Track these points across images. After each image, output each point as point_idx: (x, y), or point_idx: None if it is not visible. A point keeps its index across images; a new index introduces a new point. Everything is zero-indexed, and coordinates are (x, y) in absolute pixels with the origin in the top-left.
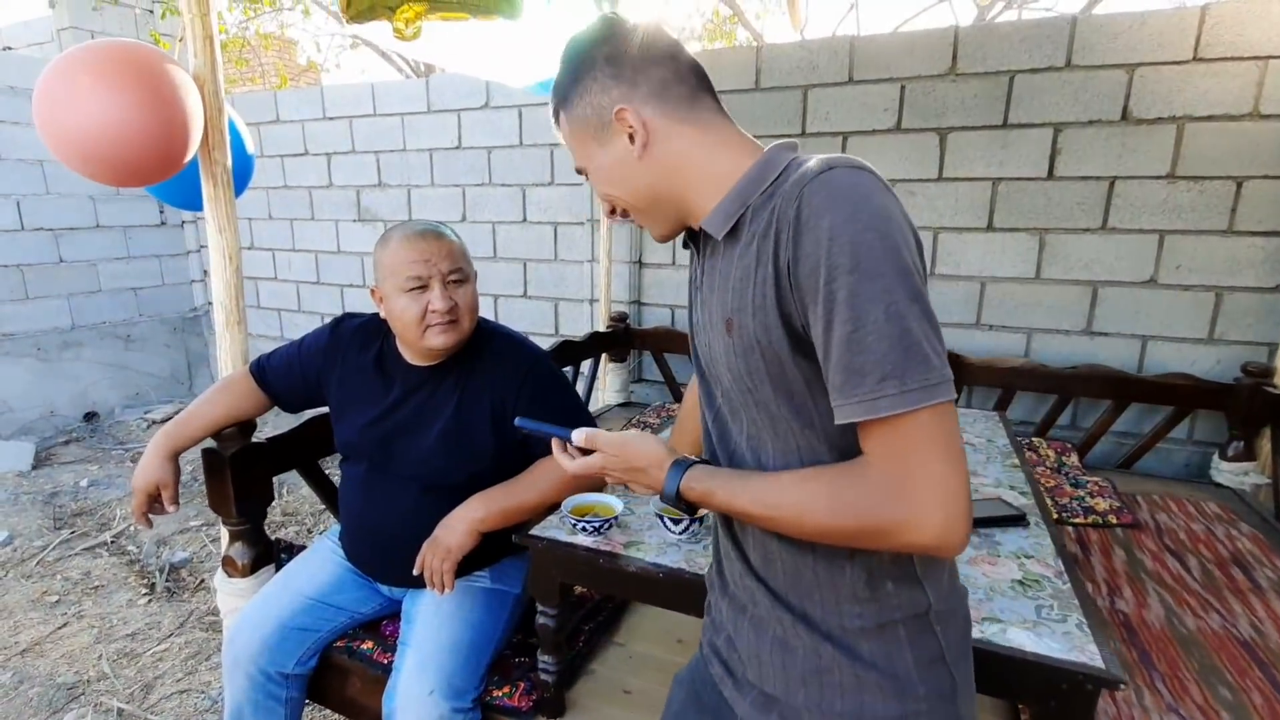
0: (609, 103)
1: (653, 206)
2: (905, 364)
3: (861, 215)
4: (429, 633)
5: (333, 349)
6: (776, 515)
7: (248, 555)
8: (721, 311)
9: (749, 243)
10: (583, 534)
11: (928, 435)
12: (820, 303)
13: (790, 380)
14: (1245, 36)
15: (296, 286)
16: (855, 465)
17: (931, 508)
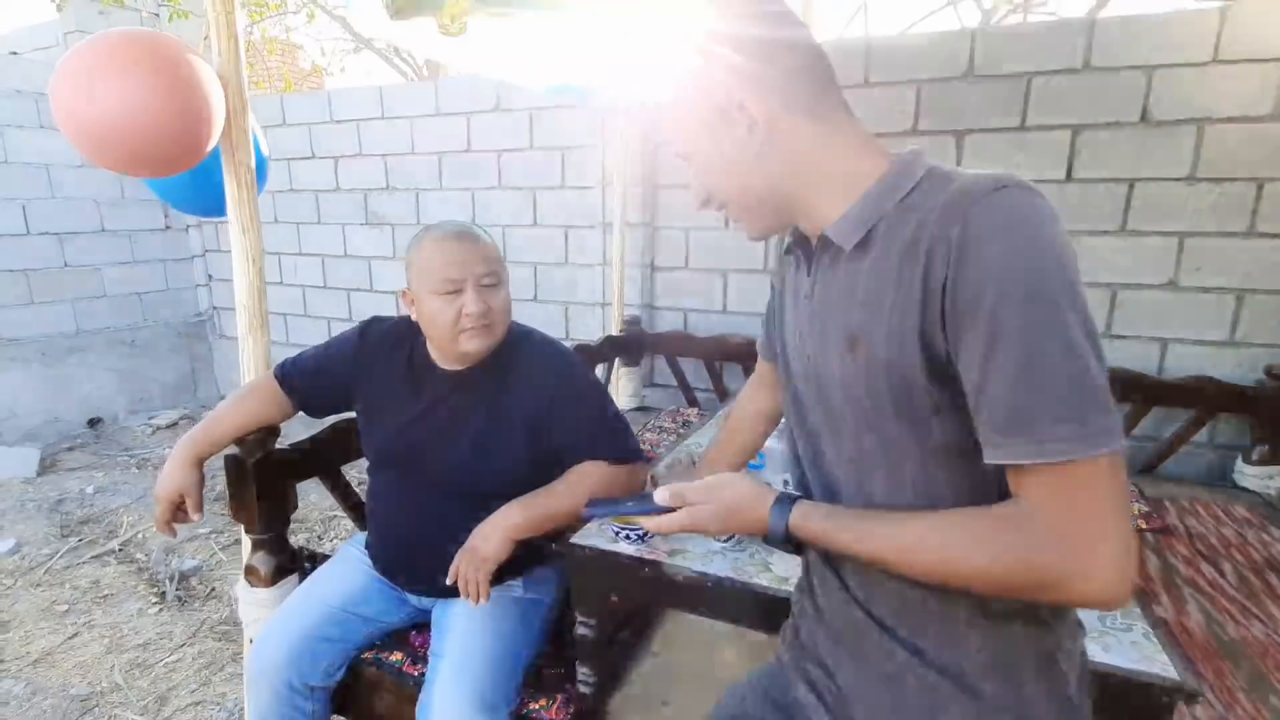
0: (730, 90)
1: (760, 204)
2: (1085, 406)
3: (1038, 242)
4: (463, 644)
5: (361, 353)
6: (917, 560)
7: (271, 564)
8: (843, 328)
9: (884, 256)
10: (625, 542)
11: (1103, 484)
12: (982, 332)
13: (916, 406)
14: (1265, 37)
15: (303, 290)
16: (1013, 510)
17: (1106, 561)
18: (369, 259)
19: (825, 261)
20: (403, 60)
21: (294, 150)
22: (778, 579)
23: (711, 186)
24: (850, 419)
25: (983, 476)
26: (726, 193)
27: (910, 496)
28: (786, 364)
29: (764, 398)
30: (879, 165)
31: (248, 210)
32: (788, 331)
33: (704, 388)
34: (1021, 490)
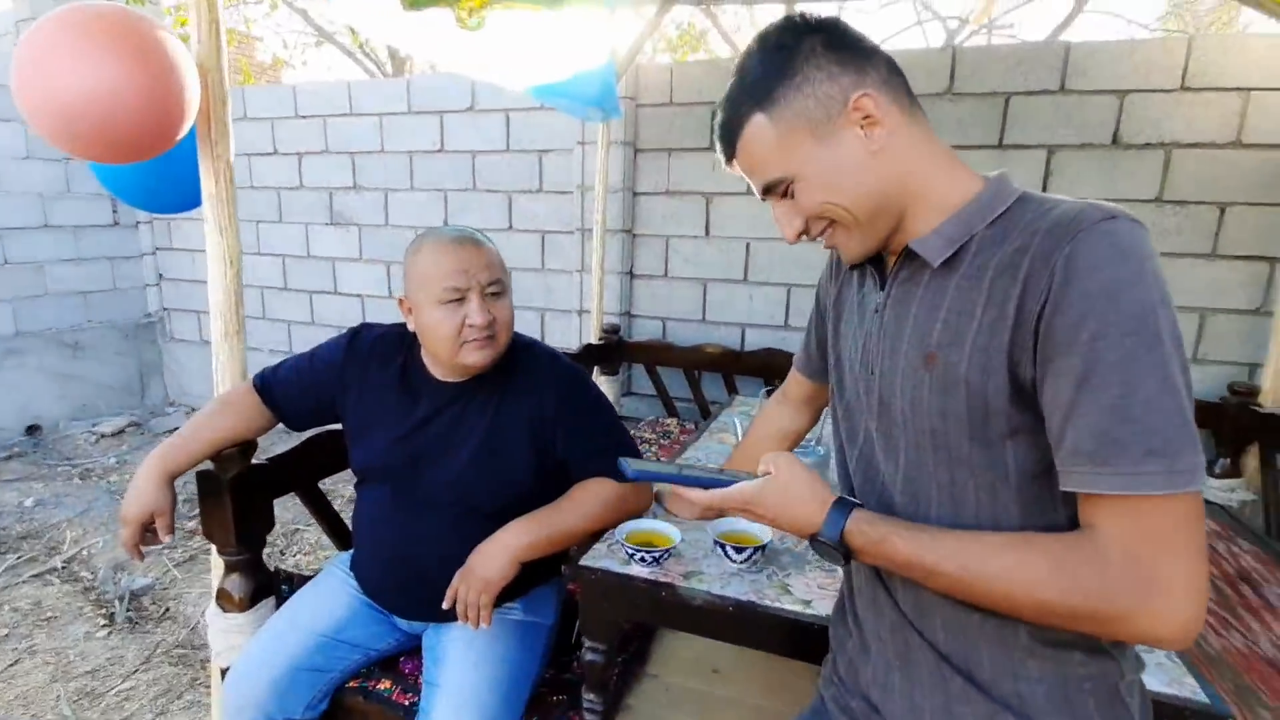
0: (840, 90)
1: (875, 216)
2: (1177, 442)
3: (1146, 277)
4: (462, 672)
5: (350, 363)
6: (978, 581)
7: (246, 588)
8: (920, 344)
9: (974, 275)
10: (639, 564)
11: (1183, 523)
12: (1079, 358)
13: (991, 429)
14: (1229, 69)
15: (261, 292)
16: (1086, 541)
17: (1180, 602)
18: (333, 260)
19: (903, 277)
20: (366, 55)
21: (254, 145)
22: (799, 601)
23: (829, 204)
24: (914, 436)
25: (1049, 504)
26: (845, 206)
27: (971, 519)
28: (840, 379)
29: (788, 416)
30: (972, 183)
31: (226, 209)
32: (844, 346)
33: (683, 397)
34: (1097, 521)
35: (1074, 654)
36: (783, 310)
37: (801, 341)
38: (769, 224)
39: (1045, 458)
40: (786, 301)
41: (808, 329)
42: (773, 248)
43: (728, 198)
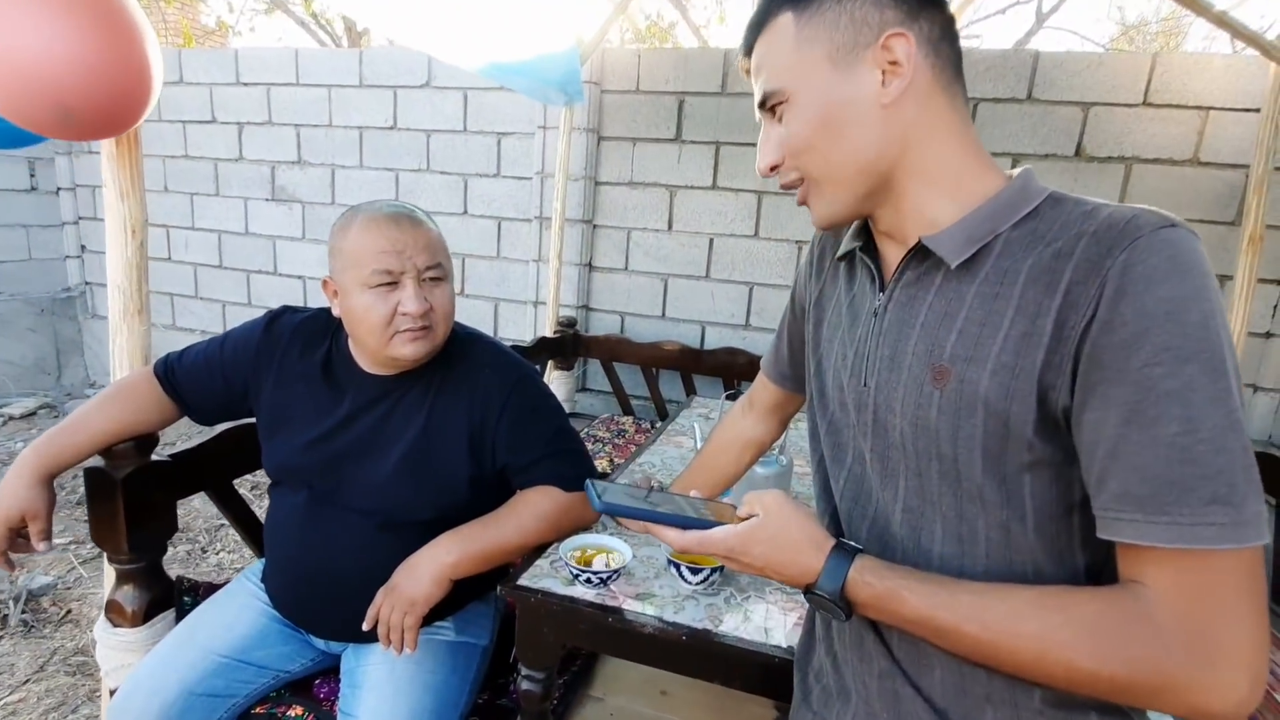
0: (879, 20)
1: (855, 177)
2: (1244, 488)
3: (1208, 295)
4: (382, 701)
5: (266, 350)
6: (1003, 644)
7: (140, 601)
8: (928, 355)
9: (1000, 281)
10: (584, 585)
11: (1243, 579)
12: (1130, 386)
13: (1010, 458)
14: (1190, 86)
15: (194, 269)
16: (1128, 598)
17: (1239, 671)
18: (274, 238)
19: (910, 277)
20: (321, 26)
21: (191, 113)
22: (758, 629)
23: (802, 141)
24: (916, 462)
25: (1067, 549)
26: (821, 154)
27: (982, 560)
28: (822, 388)
29: (754, 423)
30: (995, 178)
31: (129, 172)
32: (828, 352)
33: (640, 395)
34: (1144, 578)
35: (1089, 715)
36: (744, 309)
37: (771, 344)
38: (733, 219)
39: (1067, 497)
40: (749, 300)
41: (779, 331)
42: (736, 244)
43: (692, 191)
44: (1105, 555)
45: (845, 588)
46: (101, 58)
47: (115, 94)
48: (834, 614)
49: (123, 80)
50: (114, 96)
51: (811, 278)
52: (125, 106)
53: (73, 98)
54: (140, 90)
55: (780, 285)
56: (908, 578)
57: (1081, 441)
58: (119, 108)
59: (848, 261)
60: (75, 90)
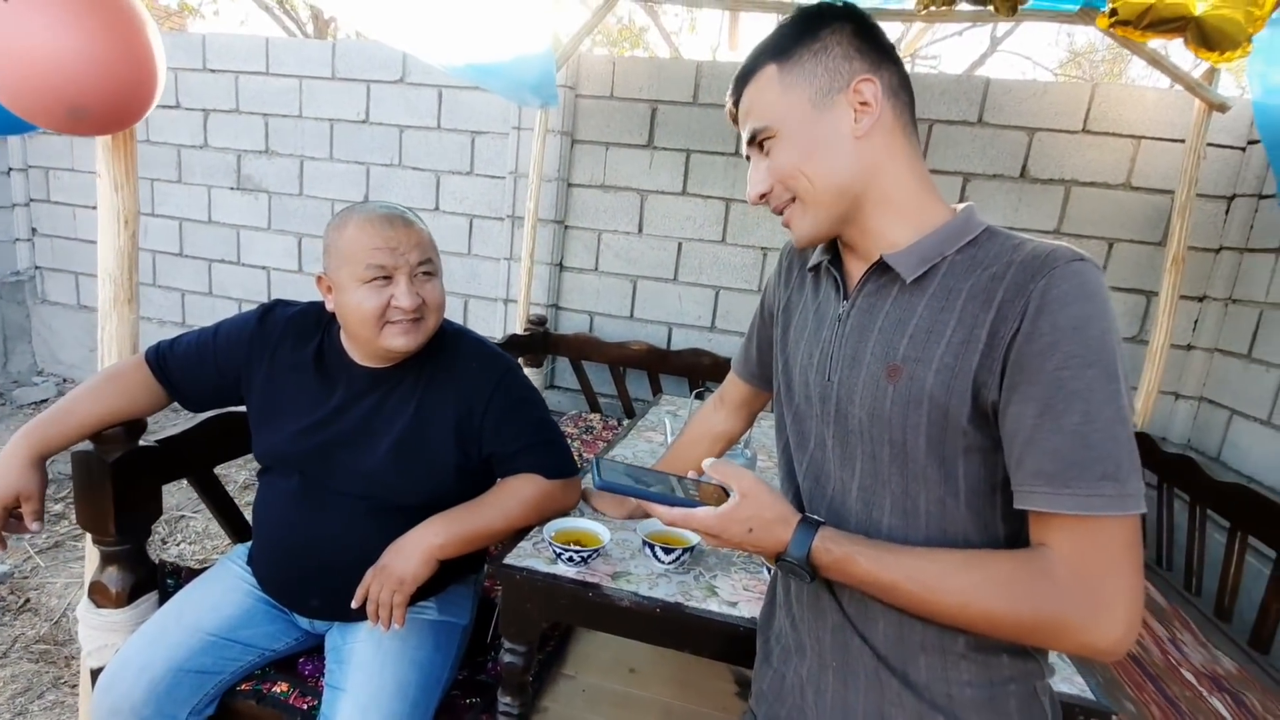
0: (850, 70)
1: (835, 201)
2: (1127, 468)
3: (1107, 315)
4: (370, 675)
5: (260, 341)
6: (934, 597)
7: (125, 582)
8: (884, 355)
9: (945, 296)
10: (566, 564)
11: (1125, 541)
12: (1044, 386)
13: (948, 444)
14: (1125, 117)
15: (153, 256)
16: (1035, 557)
17: (1119, 616)
18: (238, 228)
19: (871, 288)
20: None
21: None
22: (725, 603)
23: (790, 168)
24: (871, 447)
25: (992, 520)
26: (810, 180)
27: (922, 530)
28: (789, 384)
29: (724, 419)
30: (943, 210)
31: (123, 164)
32: (795, 351)
33: (608, 393)
34: (1050, 540)
35: (1001, 657)
36: (711, 311)
37: (741, 346)
38: (701, 225)
39: (992, 477)
40: (715, 303)
41: (749, 334)
42: (704, 249)
43: (663, 196)
44: (1019, 527)
45: (810, 554)
46: (111, 55)
47: (124, 91)
48: (800, 576)
49: (131, 76)
50: (123, 93)
51: (780, 287)
52: (133, 102)
53: (84, 96)
54: (147, 85)
55: (745, 290)
56: (859, 543)
57: (1005, 430)
58: (127, 104)
59: (815, 273)
60: (86, 89)
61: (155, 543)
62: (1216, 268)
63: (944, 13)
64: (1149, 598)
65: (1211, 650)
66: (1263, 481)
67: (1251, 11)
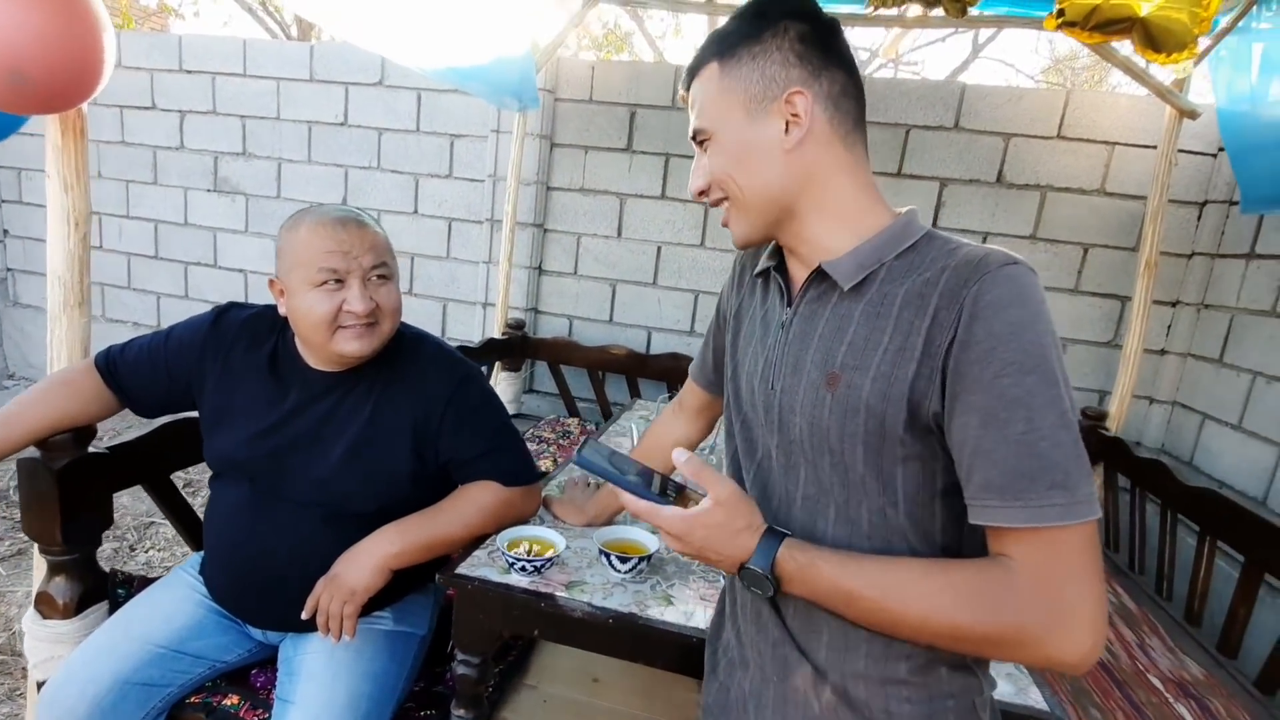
0: (785, 80)
1: (765, 207)
2: (1076, 474)
3: (1042, 319)
4: (321, 688)
5: (213, 344)
6: (897, 607)
7: (73, 592)
8: (824, 363)
9: (882, 303)
10: (519, 573)
11: (1083, 549)
12: (985, 395)
13: (886, 452)
14: (1099, 123)
15: (128, 259)
16: (996, 568)
17: (1084, 627)
18: (214, 230)
19: (811, 296)
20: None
21: (130, 98)
22: (681, 614)
23: (722, 173)
24: (813, 455)
25: (933, 530)
26: (740, 186)
27: (864, 540)
28: (737, 391)
29: (683, 426)
30: (883, 215)
31: (73, 163)
32: (744, 358)
33: (586, 398)
34: (1007, 552)
35: (940, 672)
36: (690, 315)
37: (699, 351)
38: (680, 229)
39: (931, 487)
40: (694, 307)
41: (705, 339)
42: (683, 253)
43: (642, 200)
44: (960, 538)
45: (775, 564)
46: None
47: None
48: (764, 588)
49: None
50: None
51: (733, 292)
52: (78, 72)
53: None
54: (92, 54)
55: None
56: (823, 552)
57: (953, 443)
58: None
59: (764, 278)
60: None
61: (124, 550)
62: (1189, 273)
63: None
64: (1119, 603)
65: (1180, 656)
66: (1233, 485)
67: (1197, 13)
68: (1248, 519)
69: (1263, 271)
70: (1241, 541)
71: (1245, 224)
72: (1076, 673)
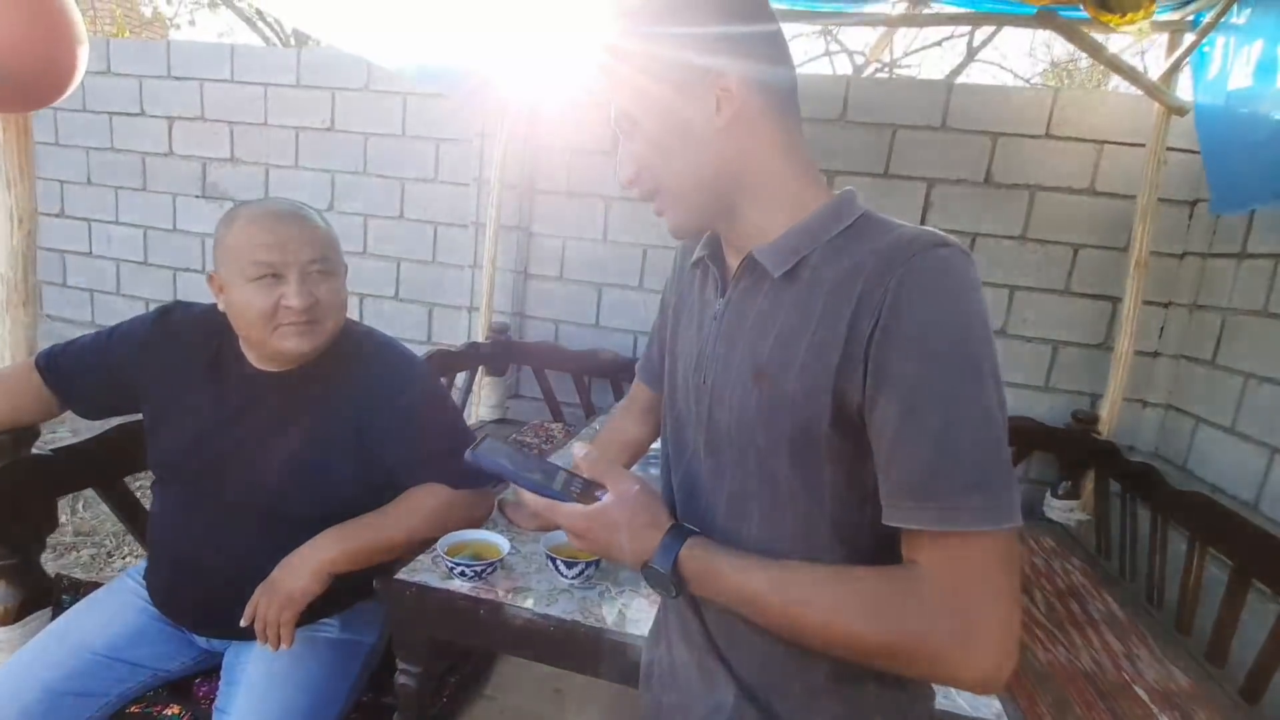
0: (711, 57)
1: (696, 191)
2: (995, 476)
3: (970, 306)
4: (254, 698)
5: (154, 343)
6: (798, 611)
7: (13, 598)
8: (751, 359)
9: (809, 290)
10: (460, 578)
11: (999, 559)
12: (904, 389)
13: (811, 453)
14: (1088, 121)
15: (116, 265)
16: (903, 574)
17: (990, 644)
18: (203, 236)
19: (744, 285)
20: (267, 25)
21: (119, 104)
22: (630, 621)
23: (650, 160)
24: (738, 454)
25: (863, 538)
26: (666, 170)
27: (787, 543)
28: (673, 386)
29: (634, 426)
30: (819, 196)
31: (16, 160)
32: (680, 352)
33: (571, 402)
34: (919, 558)
35: (867, 686)
36: None
37: (645, 348)
38: (666, 232)
39: (860, 489)
40: None
41: (651, 335)
42: (670, 256)
43: (628, 203)
44: (889, 544)
45: (676, 563)
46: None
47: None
48: (666, 589)
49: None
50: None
51: (673, 284)
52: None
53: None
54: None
55: None
56: (728, 554)
57: (871, 437)
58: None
59: (699, 268)
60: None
61: (101, 556)
62: (1181, 273)
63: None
64: (1108, 611)
65: (1168, 665)
66: (1226, 490)
67: None
68: (1235, 524)
69: (1254, 271)
70: (1230, 548)
71: (1236, 223)
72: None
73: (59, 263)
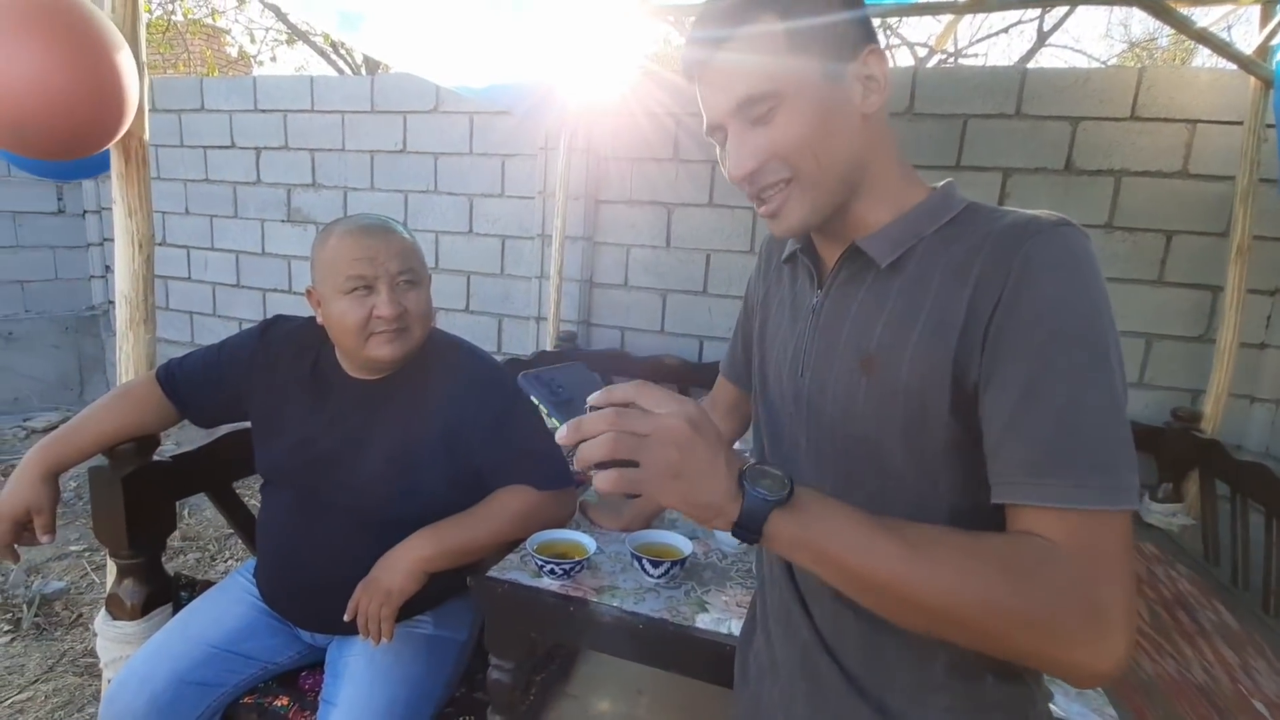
0: (858, 35)
1: (837, 181)
2: (1120, 458)
3: (1095, 285)
4: (359, 691)
5: (260, 356)
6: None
7: (139, 594)
8: (858, 347)
9: (921, 278)
10: (550, 577)
11: (1123, 541)
12: (1028, 365)
13: (927, 438)
14: (1177, 100)
15: (213, 288)
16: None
17: (1117, 627)
18: (289, 258)
19: (844, 277)
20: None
21: (211, 138)
22: (715, 620)
23: (800, 140)
24: (844, 444)
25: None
26: (811, 158)
27: None
28: (764, 382)
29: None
30: (920, 189)
31: (136, 189)
32: (771, 347)
33: None
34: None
35: (986, 678)
36: None
37: (728, 346)
38: (729, 236)
39: (978, 474)
40: None
41: (734, 333)
42: (733, 260)
43: (689, 209)
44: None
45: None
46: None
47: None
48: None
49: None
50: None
51: (759, 280)
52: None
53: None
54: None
55: None
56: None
57: (984, 415)
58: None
59: (791, 263)
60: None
61: (205, 559)
62: None
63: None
64: (1220, 621)
65: None
66: None
67: None
68: None
69: None
70: None
71: None
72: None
73: (162, 288)
